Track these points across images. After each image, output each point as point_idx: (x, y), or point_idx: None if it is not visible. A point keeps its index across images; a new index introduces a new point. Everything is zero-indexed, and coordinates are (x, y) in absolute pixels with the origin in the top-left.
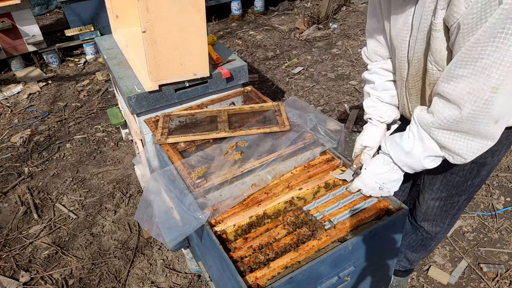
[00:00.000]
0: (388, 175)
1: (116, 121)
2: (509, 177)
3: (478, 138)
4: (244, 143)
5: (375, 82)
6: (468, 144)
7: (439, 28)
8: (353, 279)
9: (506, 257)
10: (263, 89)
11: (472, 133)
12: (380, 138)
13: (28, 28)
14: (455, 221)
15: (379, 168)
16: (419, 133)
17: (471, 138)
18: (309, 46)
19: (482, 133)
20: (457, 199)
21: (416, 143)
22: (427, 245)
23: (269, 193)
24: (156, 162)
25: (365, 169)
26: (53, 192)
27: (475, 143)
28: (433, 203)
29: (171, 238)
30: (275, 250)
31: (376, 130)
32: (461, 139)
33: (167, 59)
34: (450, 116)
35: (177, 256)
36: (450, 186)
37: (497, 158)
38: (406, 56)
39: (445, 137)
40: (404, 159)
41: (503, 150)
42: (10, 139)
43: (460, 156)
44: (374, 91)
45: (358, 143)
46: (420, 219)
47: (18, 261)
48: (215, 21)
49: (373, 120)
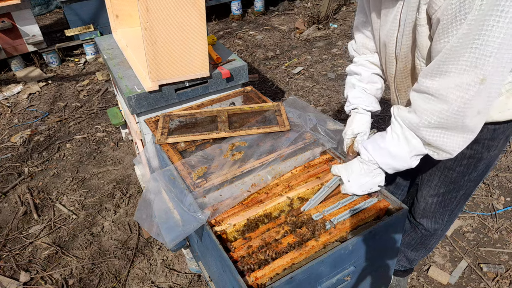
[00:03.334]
0: (372, 180)
1: (116, 121)
2: (509, 177)
3: (461, 133)
4: (244, 143)
5: (362, 74)
6: (453, 140)
7: (423, 23)
8: (353, 279)
9: (506, 257)
10: (263, 89)
11: (456, 127)
12: (368, 124)
13: (28, 28)
14: (454, 218)
15: (361, 179)
16: (404, 134)
17: (455, 133)
18: (309, 46)
19: (466, 127)
20: (455, 195)
21: (401, 144)
22: (426, 243)
23: (269, 193)
24: (156, 162)
25: (348, 181)
26: (53, 192)
27: (458, 138)
28: (431, 200)
29: (171, 238)
30: (275, 250)
31: (364, 117)
32: (446, 135)
33: (167, 59)
34: (438, 111)
35: (177, 256)
36: (448, 182)
37: (493, 152)
38: (394, 52)
39: (432, 135)
40: (391, 162)
41: (500, 145)
42: (10, 139)
43: (445, 152)
44: (360, 83)
45: (349, 133)
46: (419, 216)
47: (18, 261)
48: (215, 21)
49: (359, 109)
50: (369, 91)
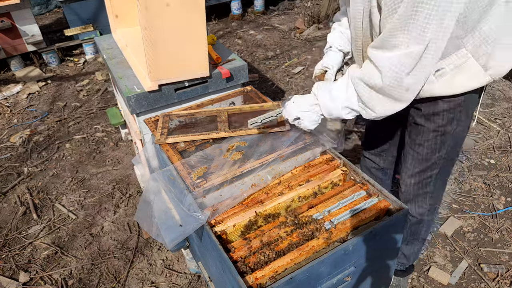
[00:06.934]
0: (309, 114)
1: (116, 121)
2: (509, 177)
3: (391, 100)
4: (244, 143)
5: (342, 20)
6: (382, 102)
7: (374, 4)
8: (353, 280)
9: (507, 257)
10: (263, 89)
11: (386, 94)
12: (338, 62)
13: (27, 27)
14: (436, 203)
15: (303, 105)
16: (347, 83)
17: (385, 98)
18: (309, 45)
19: (392, 95)
20: (430, 174)
21: (341, 90)
22: (417, 232)
23: (269, 193)
24: (155, 162)
25: (292, 102)
26: (52, 192)
27: (388, 103)
28: (409, 181)
29: (171, 238)
30: (275, 250)
31: (336, 54)
32: (377, 97)
33: (166, 59)
34: (375, 78)
35: (177, 256)
36: (421, 159)
37: (458, 128)
38: (361, 27)
39: (365, 91)
40: (328, 104)
41: (462, 119)
42: (9, 139)
43: (372, 110)
44: (340, 27)
45: (319, 65)
46: (403, 200)
47: (18, 261)
48: (215, 20)
49: (333, 48)
50: (345, 35)
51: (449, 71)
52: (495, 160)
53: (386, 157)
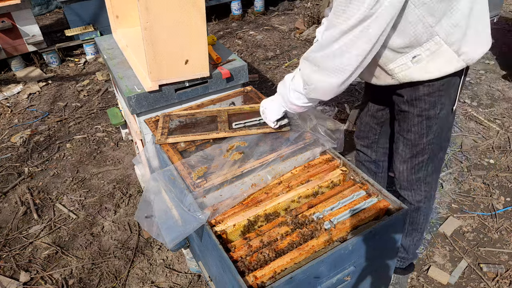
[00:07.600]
0: (271, 103)
1: (116, 121)
2: (509, 177)
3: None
4: (244, 143)
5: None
6: (317, 77)
7: None
8: (353, 279)
9: (506, 257)
10: (263, 89)
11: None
12: None
13: (28, 28)
14: (431, 190)
15: (273, 96)
16: (298, 67)
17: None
18: (309, 46)
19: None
20: (421, 159)
21: (291, 75)
22: (415, 221)
23: (269, 193)
24: (156, 162)
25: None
26: (53, 192)
27: (323, 77)
28: (402, 167)
29: (171, 238)
30: (275, 250)
31: None
32: (313, 72)
33: (167, 59)
34: (313, 51)
35: (177, 256)
36: (411, 145)
37: (442, 112)
38: None
39: (306, 68)
40: (281, 89)
41: (446, 103)
42: (10, 139)
43: (312, 88)
44: None
45: None
46: (399, 188)
47: (18, 261)
48: (215, 21)
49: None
50: None
51: (425, 57)
52: (494, 160)
53: (377, 148)
